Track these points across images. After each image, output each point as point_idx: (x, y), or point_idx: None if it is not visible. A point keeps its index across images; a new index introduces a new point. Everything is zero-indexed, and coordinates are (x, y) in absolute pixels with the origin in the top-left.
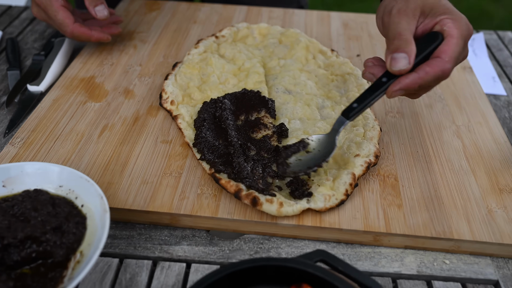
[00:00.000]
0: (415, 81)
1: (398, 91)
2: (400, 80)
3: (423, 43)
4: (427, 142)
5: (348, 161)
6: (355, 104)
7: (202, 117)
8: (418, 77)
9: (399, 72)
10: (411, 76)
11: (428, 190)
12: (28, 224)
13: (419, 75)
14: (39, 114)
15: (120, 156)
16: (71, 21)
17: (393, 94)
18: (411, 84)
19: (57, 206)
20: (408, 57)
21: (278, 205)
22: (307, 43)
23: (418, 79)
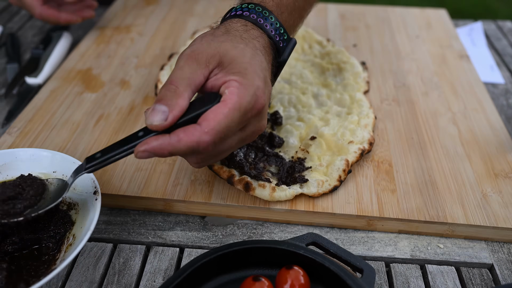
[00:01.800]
0: (164, 146)
1: (145, 153)
2: (149, 141)
3: (202, 101)
4: (422, 128)
5: (341, 147)
6: (98, 154)
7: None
8: (168, 143)
9: (152, 127)
10: (161, 139)
11: (423, 175)
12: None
13: (171, 140)
14: (36, 104)
15: None
16: (39, 3)
17: (139, 154)
18: (159, 149)
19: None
20: (167, 112)
21: (270, 190)
22: (303, 33)
23: (167, 145)
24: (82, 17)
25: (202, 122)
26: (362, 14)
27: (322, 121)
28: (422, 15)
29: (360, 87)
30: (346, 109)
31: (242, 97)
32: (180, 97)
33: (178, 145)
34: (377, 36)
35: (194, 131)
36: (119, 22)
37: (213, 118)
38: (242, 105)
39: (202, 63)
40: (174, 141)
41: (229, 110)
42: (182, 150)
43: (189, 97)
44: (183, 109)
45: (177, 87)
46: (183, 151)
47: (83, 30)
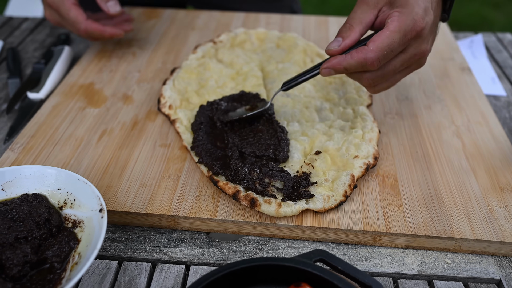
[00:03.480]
0: (341, 62)
1: (327, 69)
2: (330, 60)
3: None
4: (426, 142)
5: (347, 162)
6: (292, 78)
7: (199, 120)
8: (343, 59)
9: (328, 52)
10: (339, 57)
11: (428, 190)
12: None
13: (345, 57)
14: (38, 120)
15: (119, 160)
16: (84, 18)
17: (323, 71)
18: (337, 64)
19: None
20: (341, 41)
21: (276, 205)
22: (304, 46)
23: (343, 61)
24: (124, 30)
25: (369, 43)
26: None
27: (326, 135)
28: None
29: (363, 101)
30: (350, 123)
31: (401, 21)
32: (352, 31)
33: (350, 60)
34: None
35: (362, 49)
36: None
37: (378, 39)
38: (401, 28)
39: (372, 4)
40: (348, 58)
41: (390, 32)
42: (353, 64)
43: (360, 32)
44: (355, 40)
45: (351, 24)
46: (354, 66)
47: (84, 45)
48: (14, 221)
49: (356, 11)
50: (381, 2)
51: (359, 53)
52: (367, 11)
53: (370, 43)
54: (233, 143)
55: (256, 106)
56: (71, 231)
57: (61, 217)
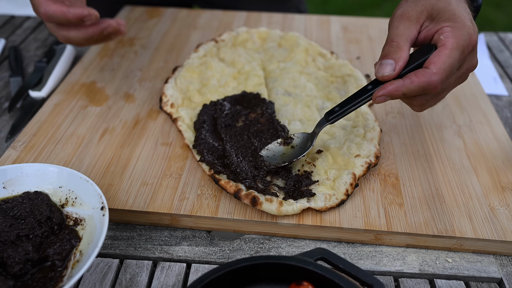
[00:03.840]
0: (399, 88)
1: (382, 97)
2: (385, 86)
3: (419, 52)
4: (428, 141)
5: (348, 161)
6: (337, 108)
7: (201, 119)
8: (402, 85)
9: (383, 78)
10: (396, 83)
11: (430, 189)
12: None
13: (404, 82)
14: (40, 118)
15: (121, 158)
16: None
17: (377, 99)
18: (394, 91)
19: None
20: (394, 64)
21: (278, 204)
22: (306, 46)
23: (401, 87)
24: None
25: (430, 65)
26: (365, 26)
27: (327, 134)
28: None
29: None
30: (352, 122)
31: (458, 37)
32: (402, 51)
33: (410, 85)
34: (381, 49)
35: (424, 73)
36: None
37: (438, 60)
38: (459, 44)
39: (414, 19)
40: (407, 83)
41: (450, 50)
42: (414, 90)
43: (408, 50)
44: (406, 60)
45: (398, 43)
46: (415, 91)
47: None
48: (15, 219)
49: (398, 27)
50: (422, 16)
51: (421, 77)
52: (410, 26)
53: (432, 65)
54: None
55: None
56: (73, 229)
57: (62, 215)
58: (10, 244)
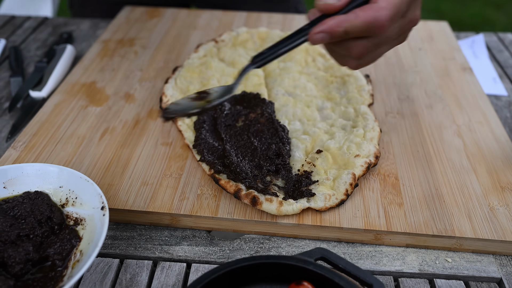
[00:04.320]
0: (341, 23)
1: (320, 34)
2: (325, 22)
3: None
4: (427, 141)
5: (348, 161)
6: (265, 50)
7: (201, 119)
8: (345, 19)
9: (326, 8)
10: (338, 18)
11: (429, 189)
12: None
13: (348, 17)
14: (40, 118)
15: (121, 158)
16: None
17: (315, 37)
18: (335, 26)
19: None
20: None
21: (278, 204)
22: (306, 45)
23: (344, 22)
24: None
25: (378, 0)
26: None
27: (327, 134)
28: (424, 28)
29: (364, 100)
30: (351, 122)
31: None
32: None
33: (355, 20)
34: None
35: (371, 7)
36: (123, 35)
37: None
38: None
39: None
40: (351, 18)
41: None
42: (358, 26)
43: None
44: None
45: None
46: (358, 28)
47: (86, 43)
48: (16, 218)
49: None
50: None
51: (368, 11)
52: None
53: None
54: (229, 149)
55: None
56: (73, 229)
57: (63, 215)
58: (11, 244)
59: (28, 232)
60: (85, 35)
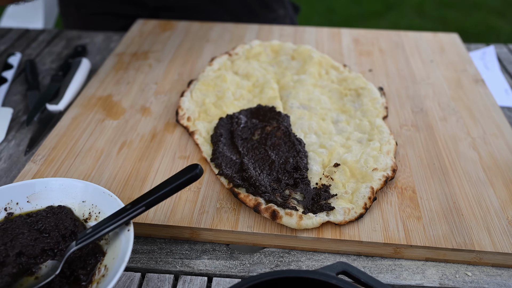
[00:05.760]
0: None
1: None
2: None
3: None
4: (443, 154)
5: (366, 175)
6: (89, 229)
7: (219, 133)
8: None
9: None
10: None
11: (447, 202)
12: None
13: None
14: (59, 132)
15: (139, 171)
16: None
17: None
18: None
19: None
20: None
21: (298, 218)
22: (319, 58)
23: None
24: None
25: None
26: (376, 39)
27: (343, 147)
28: (434, 40)
29: (379, 113)
30: (367, 135)
31: None
32: None
33: None
34: (392, 61)
35: None
36: (137, 48)
37: None
38: None
39: None
40: None
41: None
42: None
43: None
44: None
45: None
46: None
47: (100, 56)
48: (40, 232)
49: None
50: None
51: None
52: None
53: None
54: (247, 163)
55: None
56: (96, 244)
57: (86, 229)
58: (35, 258)
59: (53, 246)
60: (99, 48)
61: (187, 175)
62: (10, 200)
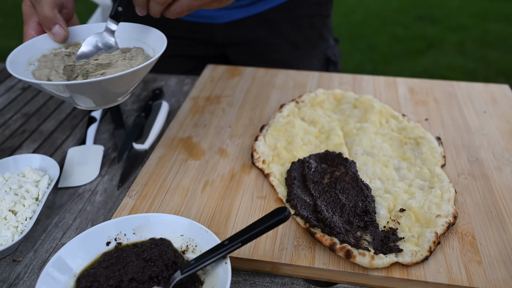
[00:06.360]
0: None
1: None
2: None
3: None
4: (499, 203)
5: (430, 220)
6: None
7: (293, 176)
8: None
9: None
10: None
11: (505, 248)
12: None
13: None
14: (148, 170)
15: (223, 209)
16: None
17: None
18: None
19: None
20: None
21: (370, 258)
22: (380, 108)
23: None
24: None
25: None
26: (430, 88)
27: (407, 193)
28: (486, 90)
29: (437, 161)
30: (428, 182)
31: None
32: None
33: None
34: (447, 111)
35: None
36: (209, 93)
37: None
38: None
39: None
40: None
41: None
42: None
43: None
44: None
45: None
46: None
47: (175, 99)
48: (146, 261)
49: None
50: None
51: None
52: None
53: None
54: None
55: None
56: (195, 273)
57: (184, 260)
58: (143, 284)
59: (158, 274)
60: (173, 90)
61: (277, 217)
62: (119, 232)
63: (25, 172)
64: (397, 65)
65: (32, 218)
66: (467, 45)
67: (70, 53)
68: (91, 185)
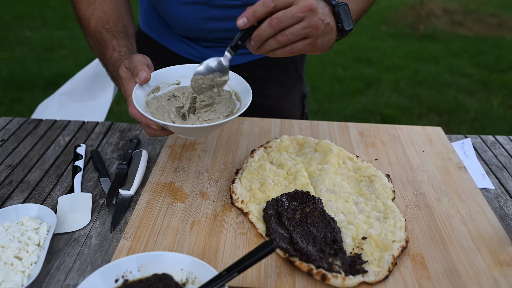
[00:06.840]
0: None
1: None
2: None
3: None
4: (441, 228)
5: (387, 245)
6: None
7: (269, 213)
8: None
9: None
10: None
11: (448, 265)
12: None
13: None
14: (139, 213)
15: (211, 245)
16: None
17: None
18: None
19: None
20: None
21: (341, 279)
22: (337, 151)
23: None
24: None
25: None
26: (377, 131)
27: (366, 224)
28: (423, 132)
29: (389, 195)
30: (383, 214)
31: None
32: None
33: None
34: (392, 151)
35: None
36: (184, 140)
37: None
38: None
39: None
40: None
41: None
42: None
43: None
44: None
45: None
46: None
47: (152, 147)
48: None
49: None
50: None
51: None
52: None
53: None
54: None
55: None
56: None
57: None
58: None
59: None
60: (149, 139)
61: (266, 249)
62: (126, 269)
63: (23, 221)
64: (339, 103)
65: (37, 262)
66: (401, 84)
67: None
68: (85, 230)
